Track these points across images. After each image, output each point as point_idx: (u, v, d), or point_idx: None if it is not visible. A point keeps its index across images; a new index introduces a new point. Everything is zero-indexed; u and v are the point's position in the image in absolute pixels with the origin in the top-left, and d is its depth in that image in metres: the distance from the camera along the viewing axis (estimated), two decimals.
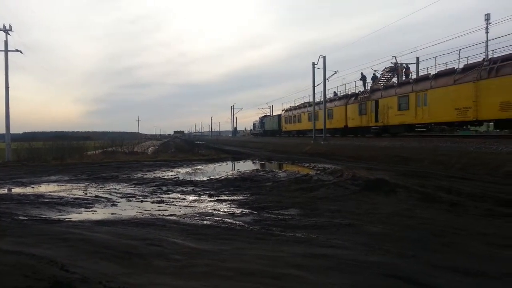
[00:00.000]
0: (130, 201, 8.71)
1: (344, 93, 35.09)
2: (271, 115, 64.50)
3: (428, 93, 22.83)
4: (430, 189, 8.54)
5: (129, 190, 10.36)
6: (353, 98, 32.21)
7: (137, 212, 7.26)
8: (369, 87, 31.12)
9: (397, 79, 28.62)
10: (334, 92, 38.33)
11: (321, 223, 6.02)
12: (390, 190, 8.87)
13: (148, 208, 7.74)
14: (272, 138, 51.36)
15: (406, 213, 6.62)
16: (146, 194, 9.60)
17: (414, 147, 18.61)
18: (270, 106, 70.59)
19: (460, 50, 21.46)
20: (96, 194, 9.62)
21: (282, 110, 54.33)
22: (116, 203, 8.39)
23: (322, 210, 7.15)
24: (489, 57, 21.10)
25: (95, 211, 7.59)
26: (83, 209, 7.75)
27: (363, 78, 32.30)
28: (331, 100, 36.74)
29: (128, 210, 7.60)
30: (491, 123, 20.44)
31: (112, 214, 7.15)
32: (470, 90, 19.51)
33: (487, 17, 33.10)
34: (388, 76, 29.82)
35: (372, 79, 31.38)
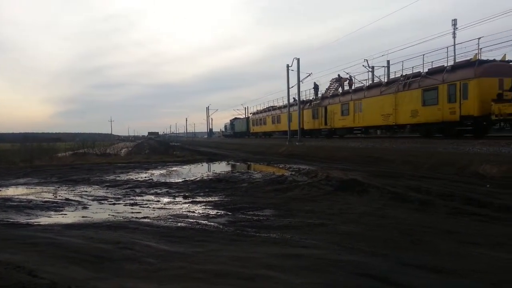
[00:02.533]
0: (102, 204, 8.53)
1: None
2: (241, 117, 66.85)
3: (362, 102, 27.31)
4: (401, 189, 8.76)
5: (101, 192, 10.14)
6: (308, 104, 36.71)
7: (109, 215, 7.11)
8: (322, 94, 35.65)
9: (342, 89, 33.40)
10: (294, 98, 41.62)
11: (295, 224, 6.07)
12: (363, 190, 9.05)
13: (120, 210, 7.59)
14: (250, 139, 51.76)
15: (377, 213, 6.77)
16: (119, 196, 9.42)
17: (386, 148, 19.06)
18: (245, 108, 70.67)
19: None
20: (67, 197, 9.36)
21: (250, 113, 59.17)
22: (87, 206, 8.20)
23: (297, 210, 7.22)
24: (456, 60, 22.95)
25: (65, 214, 7.39)
26: (52, 213, 7.53)
27: (316, 87, 36.65)
28: (291, 105, 40.47)
29: (99, 213, 7.44)
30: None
31: (83, 217, 6.98)
32: (391, 100, 23.96)
33: (454, 23, 34.33)
34: (335, 86, 34.43)
35: (314, 88, 36.66)
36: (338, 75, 34.31)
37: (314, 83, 36.96)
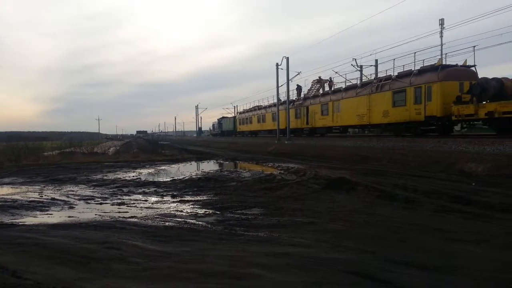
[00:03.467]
0: (89, 203, 8.43)
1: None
2: (229, 116, 67.80)
3: (340, 102, 28.82)
4: (388, 187, 8.85)
5: (87, 192, 10.02)
6: (291, 104, 36.97)
7: (96, 214, 7.04)
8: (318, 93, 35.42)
9: (322, 90, 34.49)
10: (278, 98, 43.08)
11: (284, 222, 6.09)
12: (351, 188, 9.11)
13: (107, 210, 7.52)
14: (238, 138, 52.20)
15: (365, 211, 6.83)
16: (106, 196, 9.32)
17: (373, 147, 19.23)
18: (234, 106, 70.63)
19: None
20: (53, 196, 9.23)
21: (237, 113, 60.53)
22: (74, 206, 8.09)
23: (285, 209, 7.23)
24: (442, 59, 23.46)
25: (51, 214, 7.29)
26: (38, 213, 7.42)
27: (298, 88, 37.35)
28: (275, 105, 41.82)
29: (86, 212, 7.35)
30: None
31: (69, 217, 6.89)
32: (366, 101, 25.46)
33: (442, 22, 34.73)
34: (316, 87, 35.40)
35: (297, 89, 37.13)
36: (319, 77, 35.92)
37: (297, 84, 38.08)
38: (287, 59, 32.03)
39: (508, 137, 14.41)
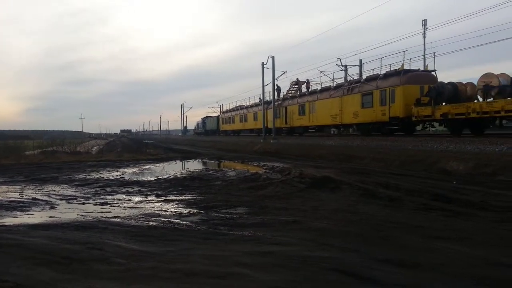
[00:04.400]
0: (71, 203, 8.30)
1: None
2: (213, 116, 69.33)
3: (316, 103, 30.64)
4: (371, 186, 8.96)
5: (70, 192, 9.86)
6: (271, 104, 38.45)
7: (78, 214, 6.93)
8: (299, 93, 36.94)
9: (299, 91, 36.26)
10: (259, 98, 44.35)
11: (268, 221, 6.10)
12: (335, 187, 9.20)
13: (90, 210, 7.41)
14: (224, 137, 52.75)
15: (349, 209, 6.90)
16: (89, 195, 9.19)
17: (358, 146, 19.44)
18: (220, 105, 70.59)
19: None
20: (34, 196, 9.06)
21: (220, 112, 62.22)
22: (55, 206, 7.96)
23: (270, 208, 7.25)
24: (425, 59, 26.59)
25: (32, 214, 7.15)
26: (18, 213, 7.27)
27: (278, 89, 38.64)
28: (256, 105, 44.68)
29: (68, 213, 7.23)
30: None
31: (50, 217, 6.77)
32: (338, 102, 27.36)
33: (424, 23, 35.29)
34: (294, 88, 37.28)
35: (276, 90, 38.07)
36: (297, 78, 37.61)
37: (277, 85, 39.48)
38: (273, 58, 32.16)
39: (462, 136, 15.97)
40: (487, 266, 3.90)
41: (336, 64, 32.33)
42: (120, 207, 7.68)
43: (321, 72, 32.99)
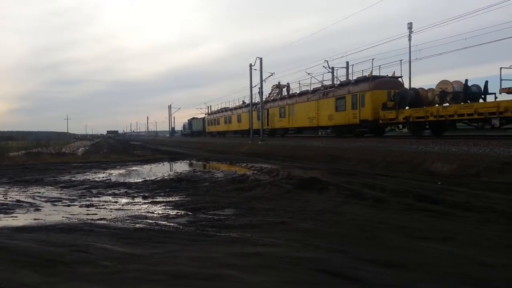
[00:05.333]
0: (56, 205, 8.18)
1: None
2: (199, 117, 71.39)
3: (295, 106, 32.78)
4: (357, 186, 9.05)
5: (55, 193, 9.72)
6: (254, 106, 40.31)
7: (63, 217, 6.83)
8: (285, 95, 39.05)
9: (280, 94, 38.68)
10: (243, 101, 47.86)
11: (256, 222, 6.11)
12: (322, 188, 9.26)
13: (75, 212, 7.31)
14: (212, 138, 53.45)
15: (335, 210, 6.95)
16: (74, 197, 9.07)
17: (344, 147, 19.61)
18: (208, 106, 70.55)
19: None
20: (18, 198, 8.90)
21: (206, 114, 64.26)
22: (40, 208, 7.83)
23: (258, 209, 7.26)
24: (411, 61, 29.20)
25: (16, 216, 7.02)
26: (1, 215, 7.12)
27: (261, 92, 39.94)
28: (240, 107, 46.89)
29: (53, 215, 7.12)
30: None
31: (34, 219, 6.66)
32: (315, 106, 29.48)
33: (410, 26, 35.79)
34: (276, 91, 39.38)
35: (259, 93, 38.76)
36: (279, 82, 39.39)
37: (259, 88, 41.15)
38: (261, 59, 32.24)
39: (421, 137, 17.59)
40: (472, 265, 3.97)
41: (324, 66, 32.82)
42: (106, 209, 7.60)
43: (308, 74, 33.36)
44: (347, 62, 34.51)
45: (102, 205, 7.98)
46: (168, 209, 7.49)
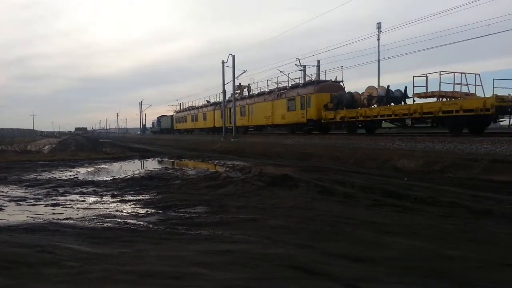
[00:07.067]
0: (20, 205, 7.89)
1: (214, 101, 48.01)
2: (167, 115, 72.94)
3: (253, 106, 35.81)
4: (327, 183, 9.20)
5: (19, 193, 9.37)
6: (217, 106, 43.42)
7: (27, 217, 6.60)
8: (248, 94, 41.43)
9: (241, 95, 41.01)
10: (207, 100, 50.78)
11: (227, 220, 6.11)
12: (293, 185, 9.35)
13: (41, 212, 7.08)
14: (183, 135, 53.39)
15: (306, 206, 7.04)
16: (40, 197, 8.77)
17: (316, 144, 19.86)
18: (180, 104, 69.87)
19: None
20: None
21: (174, 112, 66.42)
22: (3, 208, 7.53)
23: (229, 206, 7.26)
24: (380, 62, 31.84)
25: None
26: None
27: (224, 92, 40.19)
28: (206, 106, 49.90)
29: (16, 215, 6.87)
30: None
31: None
32: (270, 106, 32.63)
33: (379, 26, 36.60)
34: (238, 91, 40.51)
35: (223, 93, 40.48)
36: (239, 83, 41.10)
37: (223, 88, 42.22)
38: (233, 57, 32.20)
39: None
40: (435, 258, 4.11)
41: (295, 64, 33.38)
42: (73, 208, 7.40)
43: (280, 71, 33.78)
44: (318, 61, 35.09)
45: (68, 204, 7.76)
46: (138, 207, 7.37)
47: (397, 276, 3.61)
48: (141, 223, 5.97)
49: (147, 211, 6.98)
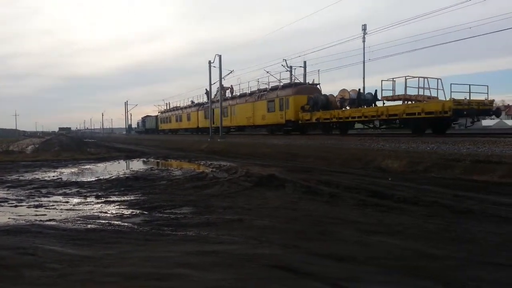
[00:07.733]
0: (2, 206, 7.72)
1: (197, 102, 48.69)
2: (152, 115, 73.01)
3: (235, 107, 36.69)
4: (313, 183, 9.25)
5: (0, 194, 9.18)
6: (201, 106, 44.48)
7: (9, 218, 6.47)
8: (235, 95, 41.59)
9: (223, 95, 40.01)
10: (192, 101, 51.50)
11: (213, 220, 6.09)
12: (279, 185, 9.38)
13: (23, 213, 6.95)
14: (170, 135, 53.42)
15: (291, 206, 7.07)
16: (22, 198, 8.60)
17: (302, 145, 19.95)
18: (166, 104, 69.42)
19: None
20: None
21: (159, 112, 66.50)
22: None
23: (215, 207, 7.24)
24: (365, 62, 32.93)
25: None
26: None
27: (207, 92, 40.90)
28: (190, 106, 50.69)
29: None
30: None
31: None
32: (251, 107, 33.48)
33: (364, 27, 36.94)
34: (222, 92, 40.21)
35: (206, 94, 41.47)
36: (222, 84, 41.02)
37: (206, 89, 42.29)
38: (220, 57, 32.09)
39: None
40: (418, 257, 4.17)
41: (282, 65, 33.56)
42: (57, 209, 7.28)
43: (267, 72, 33.78)
44: (305, 62, 35.29)
45: (52, 206, 7.63)
46: (122, 208, 7.29)
47: (382, 275, 3.66)
48: (126, 224, 5.91)
49: (132, 212, 6.92)
